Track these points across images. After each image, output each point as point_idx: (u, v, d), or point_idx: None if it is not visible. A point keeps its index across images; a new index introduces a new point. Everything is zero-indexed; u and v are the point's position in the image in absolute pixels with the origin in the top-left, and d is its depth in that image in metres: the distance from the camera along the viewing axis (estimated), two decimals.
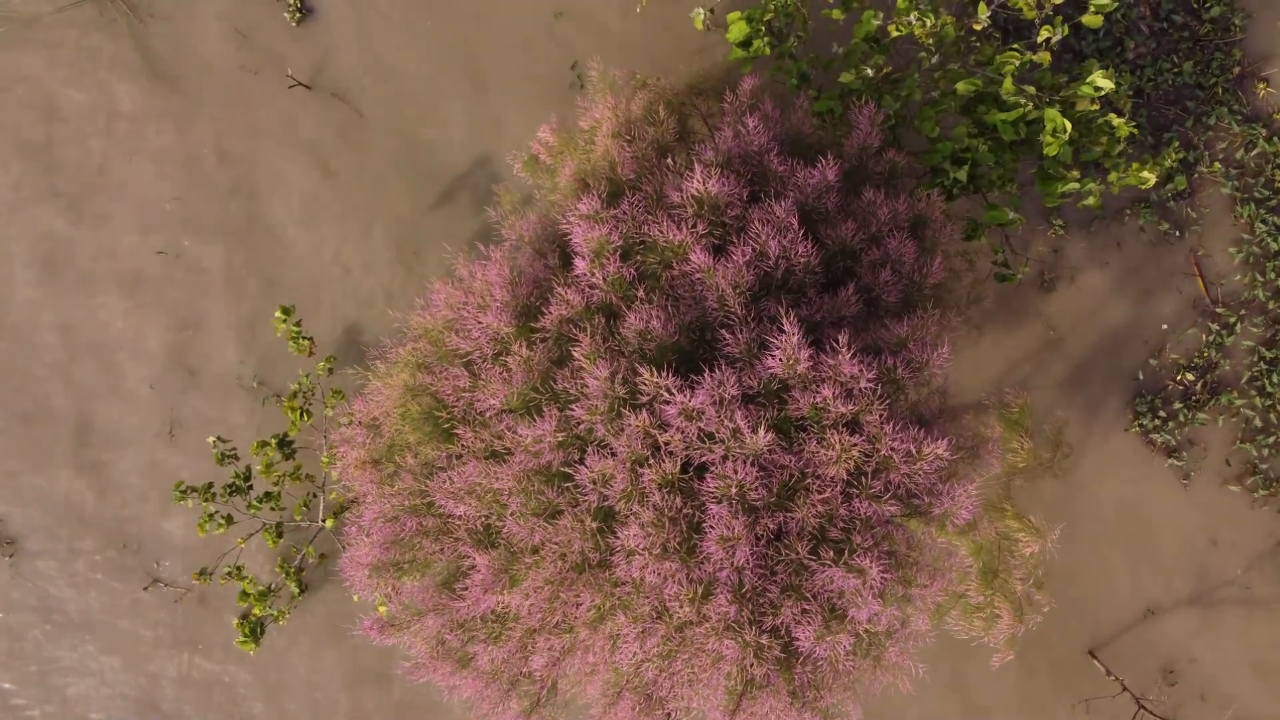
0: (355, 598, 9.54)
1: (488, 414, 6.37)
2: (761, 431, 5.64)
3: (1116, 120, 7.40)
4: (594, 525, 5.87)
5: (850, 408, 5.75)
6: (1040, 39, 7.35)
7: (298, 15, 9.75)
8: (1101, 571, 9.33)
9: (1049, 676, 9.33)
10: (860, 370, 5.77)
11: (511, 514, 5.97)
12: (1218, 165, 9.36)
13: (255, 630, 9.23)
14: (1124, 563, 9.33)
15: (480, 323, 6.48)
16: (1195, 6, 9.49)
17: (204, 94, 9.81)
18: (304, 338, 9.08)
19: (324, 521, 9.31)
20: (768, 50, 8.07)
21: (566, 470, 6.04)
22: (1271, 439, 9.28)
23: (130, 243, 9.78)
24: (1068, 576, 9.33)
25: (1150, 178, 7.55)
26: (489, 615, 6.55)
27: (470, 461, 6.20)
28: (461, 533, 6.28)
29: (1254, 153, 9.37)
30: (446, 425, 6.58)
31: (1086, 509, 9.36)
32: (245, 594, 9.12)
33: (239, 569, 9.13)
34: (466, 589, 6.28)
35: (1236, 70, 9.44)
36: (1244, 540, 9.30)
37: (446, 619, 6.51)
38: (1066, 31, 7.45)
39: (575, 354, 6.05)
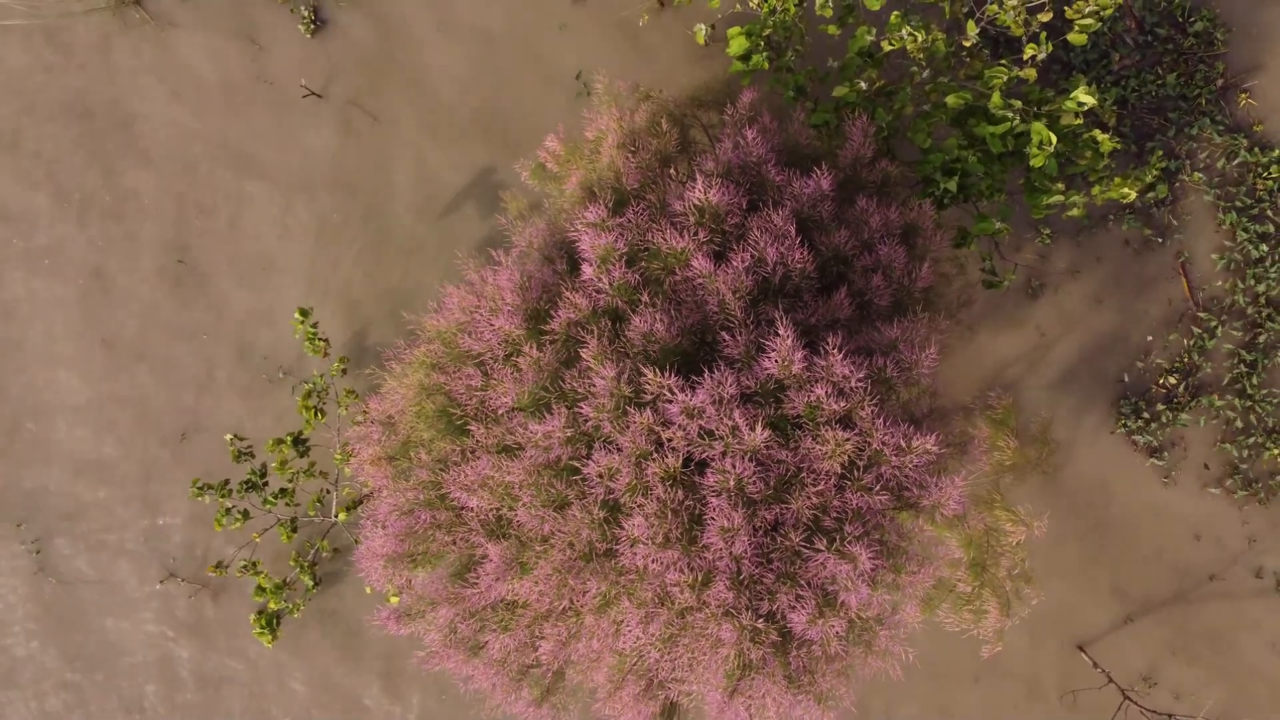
0: (368, 590, 9.85)
1: (499, 411, 6.69)
2: (759, 429, 5.96)
3: (1100, 135, 7.72)
4: (601, 515, 6.19)
5: (842, 405, 6.07)
6: (1026, 55, 7.67)
7: (312, 26, 10.07)
8: (1087, 568, 9.63)
9: (1038, 669, 9.62)
10: (851, 370, 6.10)
11: (523, 505, 6.29)
12: (1198, 175, 9.68)
13: (271, 622, 9.54)
14: (1108, 560, 9.63)
15: (492, 325, 6.80)
16: (1180, 21, 9.81)
17: (221, 101, 10.13)
18: (319, 339, 9.40)
19: (337, 516, 9.62)
20: (766, 64, 8.38)
21: (575, 464, 6.36)
22: (1251, 439, 9.59)
23: (151, 251, 10.11)
24: (1054, 573, 9.64)
25: (1130, 193, 7.89)
26: (499, 604, 6.86)
27: (483, 456, 6.52)
28: (474, 524, 6.60)
29: (1235, 162, 9.69)
30: (460, 422, 6.89)
31: (1072, 508, 9.68)
32: (261, 588, 9.43)
33: (254, 563, 9.44)
34: (478, 578, 6.60)
35: (1219, 82, 9.76)
36: (1224, 538, 9.61)
37: (459, 608, 6.82)
38: (1051, 48, 7.76)
39: (583, 355, 6.37)
